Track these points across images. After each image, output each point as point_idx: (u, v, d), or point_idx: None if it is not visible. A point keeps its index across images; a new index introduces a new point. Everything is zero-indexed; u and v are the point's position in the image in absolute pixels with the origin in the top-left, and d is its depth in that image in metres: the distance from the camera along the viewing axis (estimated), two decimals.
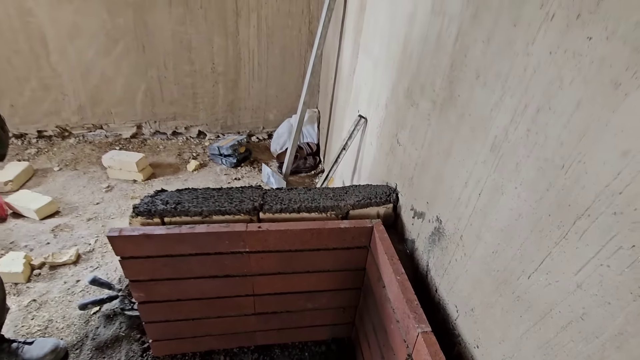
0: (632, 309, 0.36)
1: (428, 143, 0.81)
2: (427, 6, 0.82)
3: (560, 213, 0.45)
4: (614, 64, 0.38)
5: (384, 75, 1.11)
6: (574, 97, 0.43)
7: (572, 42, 0.43)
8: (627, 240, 0.36)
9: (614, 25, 0.38)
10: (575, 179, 0.43)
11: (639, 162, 0.35)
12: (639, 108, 0.35)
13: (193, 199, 0.93)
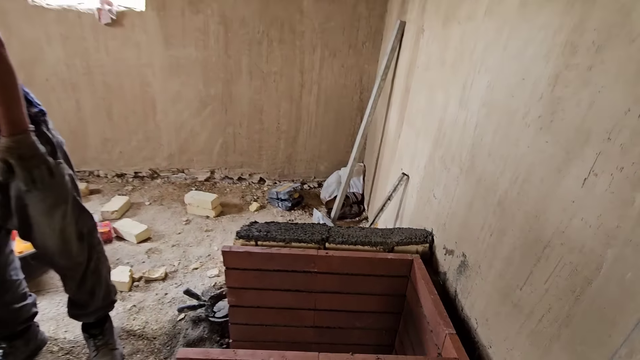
0: (569, 311, 0.61)
1: (456, 198, 1.09)
2: (456, 100, 1.16)
3: (534, 245, 0.71)
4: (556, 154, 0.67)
5: (423, 144, 1.44)
6: (542, 174, 0.71)
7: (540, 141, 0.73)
8: (567, 260, 0.63)
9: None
10: (540, 224, 0.70)
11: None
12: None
13: (278, 229, 1.26)
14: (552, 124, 0.69)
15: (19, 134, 0.95)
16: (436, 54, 1.39)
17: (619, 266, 0.52)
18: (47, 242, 1.17)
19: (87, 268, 1.28)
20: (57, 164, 1.11)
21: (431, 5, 1.50)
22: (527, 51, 0.79)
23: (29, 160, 0.97)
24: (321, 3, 2.47)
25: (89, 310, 1.34)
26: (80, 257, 1.25)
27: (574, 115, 0.64)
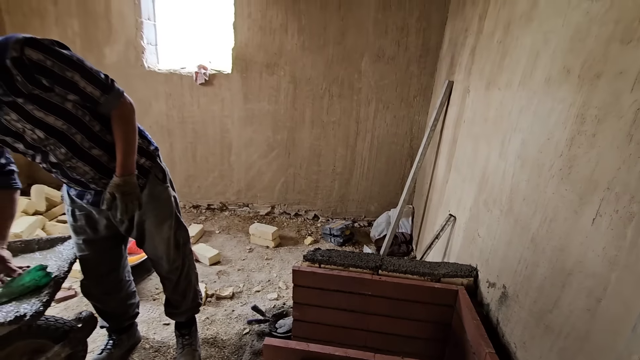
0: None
1: (497, 236, 1.25)
2: (496, 153, 1.35)
3: (560, 274, 0.86)
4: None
5: (469, 188, 1.61)
6: (564, 215, 0.88)
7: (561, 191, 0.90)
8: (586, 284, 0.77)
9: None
10: (565, 256, 0.85)
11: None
12: None
13: (338, 256, 1.49)
14: (570, 175, 0.87)
15: (127, 175, 1.23)
16: (480, 111, 1.61)
17: (620, 285, 0.68)
18: (157, 249, 1.51)
19: (181, 273, 1.59)
20: (165, 188, 1.47)
21: (475, 71, 1.75)
22: (551, 117, 0.99)
23: (128, 195, 1.24)
24: (377, 64, 2.85)
25: (180, 310, 1.64)
26: (177, 262, 1.56)
27: (585, 169, 0.82)
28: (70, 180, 1.30)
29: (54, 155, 1.19)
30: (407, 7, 2.68)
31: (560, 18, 1.00)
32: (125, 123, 1.24)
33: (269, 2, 2.79)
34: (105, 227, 1.43)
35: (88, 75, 1.10)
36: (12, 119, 1.08)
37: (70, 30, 3.13)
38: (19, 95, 1.04)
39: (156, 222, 1.45)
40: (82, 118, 1.17)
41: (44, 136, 1.13)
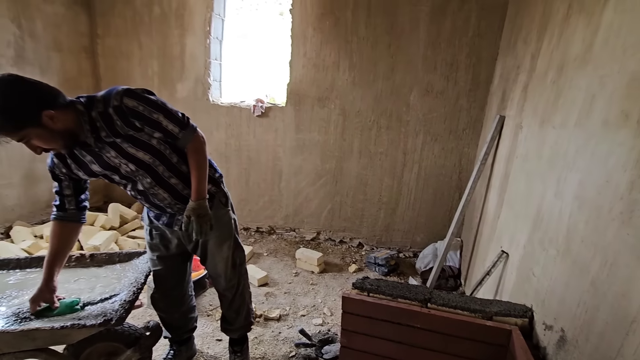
0: None
1: (555, 277, 1.22)
2: (552, 191, 1.34)
3: (623, 321, 0.84)
4: None
5: (522, 226, 1.59)
6: (626, 260, 0.87)
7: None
8: None
9: None
10: (627, 302, 0.83)
11: None
12: None
13: (386, 286, 1.53)
14: (631, 220, 0.87)
15: (201, 199, 1.39)
16: (533, 149, 1.61)
17: None
18: (217, 267, 1.65)
19: (236, 290, 1.72)
20: (226, 211, 1.63)
21: (528, 108, 1.76)
22: (610, 160, 1.00)
23: (202, 217, 1.39)
24: (426, 98, 2.92)
25: (234, 327, 1.75)
26: (233, 280, 1.69)
27: None
28: (151, 205, 1.51)
29: (141, 184, 1.41)
30: (456, 45, 2.76)
31: (616, 64, 1.03)
32: (199, 154, 1.43)
33: (323, 42, 3.03)
34: (176, 246, 1.62)
35: (169, 115, 1.31)
36: (112, 155, 1.31)
37: (150, 70, 3.62)
38: (117, 136, 1.27)
39: (217, 242, 1.61)
40: (164, 152, 1.37)
41: (134, 168, 1.35)
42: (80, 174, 1.37)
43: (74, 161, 1.34)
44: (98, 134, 1.26)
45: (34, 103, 1.12)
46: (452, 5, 2.71)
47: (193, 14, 3.33)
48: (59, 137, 1.19)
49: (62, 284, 1.56)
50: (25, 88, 1.12)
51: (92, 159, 1.33)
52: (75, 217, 1.42)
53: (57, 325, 1.27)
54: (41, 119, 1.12)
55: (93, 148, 1.29)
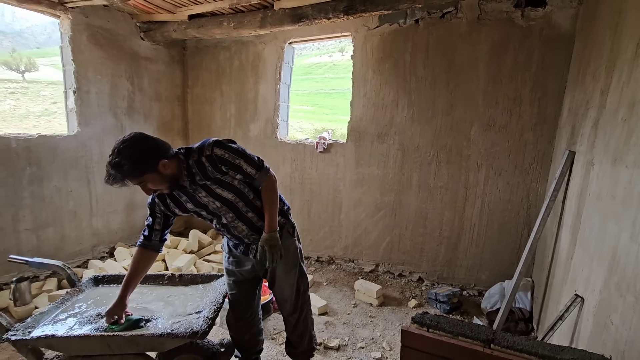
0: None
1: (634, 326, 1.15)
2: (627, 233, 1.28)
3: None
4: None
5: (597, 268, 1.50)
6: None
7: None
8: None
9: None
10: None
11: None
12: None
13: (446, 322, 1.53)
14: None
15: (272, 231, 1.61)
16: (606, 187, 1.55)
17: None
18: (284, 292, 1.82)
19: (300, 315, 1.85)
20: (293, 241, 1.80)
21: (599, 145, 1.71)
22: None
23: (274, 247, 1.60)
24: (487, 132, 2.90)
25: (298, 351, 1.88)
26: (297, 305, 1.84)
27: None
28: (232, 236, 1.75)
29: (225, 218, 1.67)
30: (519, 79, 2.74)
31: None
32: (271, 192, 1.66)
33: (383, 83, 3.22)
34: (249, 271, 1.82)
35: (248, 160, 1.58)
36: (202, 195, 1.60)
37: (228, 113, 4.14)
38: (208, 179, 1.56)
39: (285, 269, 1.79)
40: (243, 190, 1.63)
41: (220, 205, 1.62)
42: (177, 210, 1.67)
43: (172, 201, 1.64)
44: (193, 178, 1.55)
45: (155, 155, 1.44)
46: (513, 42, 2.73)
47: (266, 64, 3.80)
48: (167, 181, 1.50)
49: (160, 298, 1.86)
50: (149, 143, 1.46)
51: (187, 199, 1.62)
52: (156, 247, 1.68)
53: (157, 333, 1.53)
54: (158, 167, 1.44)
55: (188, 189, 1.59)
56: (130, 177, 1.42)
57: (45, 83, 18.00)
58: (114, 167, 1.37)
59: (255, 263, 1.77)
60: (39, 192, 3.10)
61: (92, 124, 3.43)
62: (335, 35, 3.54)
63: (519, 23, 2.70)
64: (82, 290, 1.92)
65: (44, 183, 3.12)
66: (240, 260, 1.81)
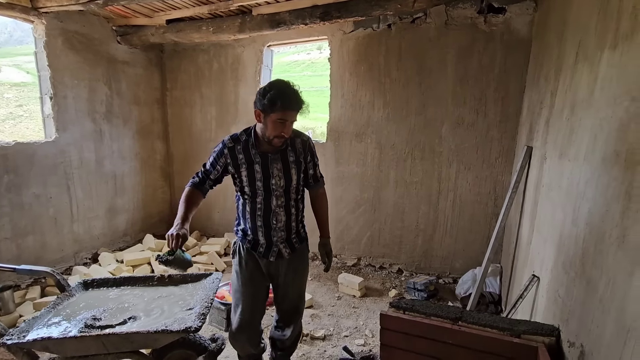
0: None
1: (575, 297, 1.34)
2: (570, 219, 1.48)
3: (622, 331, 0.97)
4: None
5: (550, 250, 1.70)
6: (623, 278, 1.01)
7: None
8: None
9: None
10: (625, 314, 0.97)
11: None
12: None
13: (420, 305, 1.70)
14: (624, 244, 1.02)
15: (329, 237, 1.85)
16: (555, 179, 1.75)
17: None
18: (301, 294, 1.94)
19: (301, 315, 1.98)
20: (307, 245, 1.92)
21: (550, 141, 1.91)
22: (608, 192, 1.15)
23: (330, 253, 1.88)
24: (457, 130, 3.11)
25: (288, 344, 1.98)
26: (302, 303, 1.97)
27: (635, 240, 0.97)
28: (263, 224, 1.71)
29: (275, 200, 1.69)
30: (483, 80, 2.96)
31: (610, 110, 1.21)
32: (326, 200, 1.95)
33: (359, 84, 3.38)
34: (263, 275, 1.82)
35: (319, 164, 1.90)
36: (277, 167, 1.66)
37: (209, 115, 4.18)
38: (292, 156, 1.71)
39: (304, 273, 1.93)
40: (299, 185, 1.75)
41: (282, 185, 1.68)
42: (242, 170, 1.68)
43: (245, 158, 1.67)
44: (286, 147, 1.68)
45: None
46: (478, 46, 2.94)
47: (246, 67, 3.88)
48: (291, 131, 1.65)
49: (150, 299, 1.93)
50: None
51: (260, 161, 1.66)
52: (204, 192, 1.80)
53: (152, 330, 1.61)
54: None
55: (271, 155, 1.66)
56: (298, 110, 1.61)
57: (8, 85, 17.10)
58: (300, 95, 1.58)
59: (271, 267, 1.79)
60: (18, 200, 3.07)
61: (70, 130, 3.41)
62: (312, 39, 3.66)
63: (482, 28, 2.91)
64: (72, 294, 1.97)
65: (22, 190, 3.09)
66: (257, 264, 1.79)
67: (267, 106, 1.52)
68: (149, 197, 4.32)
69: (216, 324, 2.64)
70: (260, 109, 1.56)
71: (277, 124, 1.55)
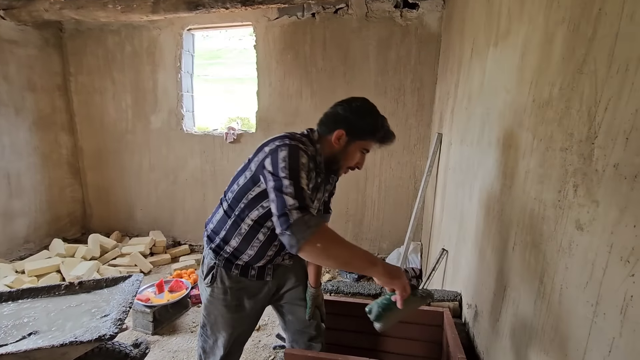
0: None
1: (470, 265, 1.54)
2: (468, 196, 1.68)
3: (500, 291, 1.15)
4: None
5: (454, 225, 1.92)
6: (499, 246, 1.18)
7: None
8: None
9: None
10: (502, 278, 1.15)
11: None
12: None
13: (345, 286, 1.79)
14: (501, 217, 1.19)
15: (319, 287, 1.46)
16: (458, 162, 1.96)
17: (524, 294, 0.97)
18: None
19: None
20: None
21: (455, 128, 2.13)
22: (492, 172, 1.33)
23: (322, 305, 1.50)
24: None
25: None
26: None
27: (509, 213, 1.14)
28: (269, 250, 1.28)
29: None
30: (401, 72, 3.16)
31: (493, 101, 1.38)
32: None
33: (286, 73, 3.36)
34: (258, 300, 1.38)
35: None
36: (325, 189, 1.39)
37: (124, 103, 3.82)
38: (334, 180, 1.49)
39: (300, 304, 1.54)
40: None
41: (319, 207, 1.39)
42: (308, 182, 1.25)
43: (314, 178, 1.27)
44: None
45: None
46: (395, 39, 3.12)
47: (163, 51, 3.59)
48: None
49: (58, 311, 1.74)
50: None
51: (321, 188, 1.34)
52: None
53: (56, 344, 1.45)
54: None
55: (328, 177, 1.40)
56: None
57: None
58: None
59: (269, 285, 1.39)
60: None
61: None
62: (236, 25, 3.52)
63: (399, 22, 3.08)
64: None
65: None
66: (248, 289, 1.34)
67: (367, 131, 1.25)
68: (54, 197, 3.81)
69: (142, 328, 2.48)
70: (350, 129, 1.24)
71: (361, 153, 1.31)
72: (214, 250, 1.29)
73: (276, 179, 1.04)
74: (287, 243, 0.99)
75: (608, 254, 0.63)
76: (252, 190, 1.18)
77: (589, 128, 0.71)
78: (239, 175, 1.25)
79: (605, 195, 0.65)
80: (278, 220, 0.99)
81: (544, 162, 0.90)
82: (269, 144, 1.16)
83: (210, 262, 1.29)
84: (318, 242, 0.98)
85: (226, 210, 1.26)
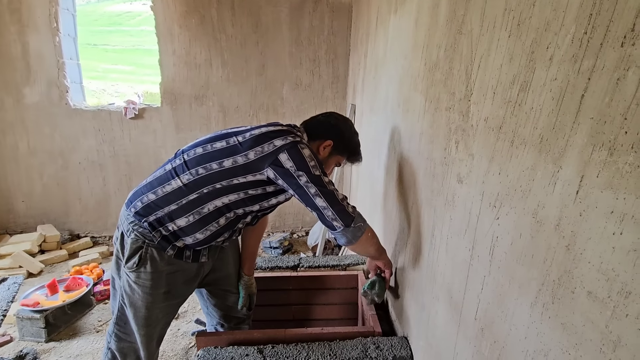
0: None
1: (380, 226, 1.62)
2: (376, 164, 1.74)
3: (397, 248, 1.22)
4: None
5: (366, 193, 1.99)
6: (401, 206, 1.25)
7: None
8: None
9: None
10: (401, 231, 1.22)
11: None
12: None
13: (263, 261, 1.76)
14: (402, 178, 1.25)
15: (252, 275, 1.44)
16: (369, 130, 2.02)
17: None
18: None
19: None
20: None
21: (365, 98, 2.18)
22: (395, 135, 1.39)
23: (254, 294, 1.46)
24: (296, 91, 3.22)
25: None
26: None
27: (407, 177, 1.20)
28: (226, 237, 1.23)
29: (257, 219, 1.28)
30: (315, 42, 3.10)
31: (394, 68, 1.42)
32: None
33: (192, 39, 3.04)
34: (189, 280, 1.27)
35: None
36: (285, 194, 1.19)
37: None
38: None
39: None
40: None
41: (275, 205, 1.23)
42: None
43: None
44: None
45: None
46: (308, 7, 3.03)
47: (32, 8, 2.94)
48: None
49: None
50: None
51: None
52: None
53: None
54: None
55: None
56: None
57: None
58: None
59: (204, 267, 1.28)
60: None
61: None
62: None
63: None
64: None
65: None
66: (181, 271, 1.21)
67: (352, 149, 1.31)
68: None
69: (31, 337, 2.13)
70: (338, 143, 1.25)
71: (335, 165, 1.36)
72: (151, 225, 1.10)
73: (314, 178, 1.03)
74: (348, 236, 1.07)
75: (480, 201, 0.68)
76: (243, 177, 1.07)
77: (467, 86, 0.75)
78: (221, 155, 1.08)
79: (479, 148, 0.69)
80: (334, 218, 1.04)
81: (433, 123, 0.95)
82: (275, 139, 1.07)
83: (136, 241, 1.10)
84: (369, 231, 1.14)
85: (187, 184, 1.08)
